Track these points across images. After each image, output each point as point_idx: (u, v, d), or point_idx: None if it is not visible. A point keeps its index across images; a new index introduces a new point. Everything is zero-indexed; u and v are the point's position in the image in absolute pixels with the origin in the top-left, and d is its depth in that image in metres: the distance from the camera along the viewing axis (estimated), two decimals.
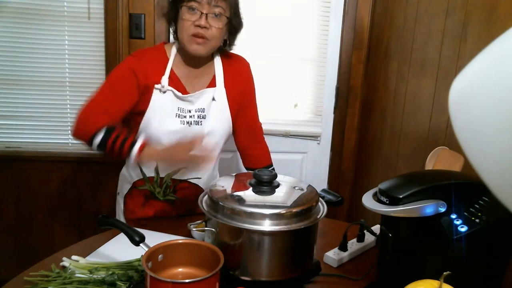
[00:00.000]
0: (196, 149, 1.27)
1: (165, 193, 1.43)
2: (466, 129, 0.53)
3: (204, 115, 1.41)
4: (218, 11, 1.31)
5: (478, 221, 0.88)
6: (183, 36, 1.33)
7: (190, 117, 1.39)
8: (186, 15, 1.31)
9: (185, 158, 1.27)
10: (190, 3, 1.30)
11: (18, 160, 2.16)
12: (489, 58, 0.52)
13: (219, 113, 1.44)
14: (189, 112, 1.39)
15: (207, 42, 1.32)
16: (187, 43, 1.33)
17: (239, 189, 1.09)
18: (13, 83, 2.10)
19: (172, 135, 1.36)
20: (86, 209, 2.27)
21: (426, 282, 0.81)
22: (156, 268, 0.91)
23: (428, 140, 1.82)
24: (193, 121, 1.40)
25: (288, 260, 1.00)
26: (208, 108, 1.42)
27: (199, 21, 1.29)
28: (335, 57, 2.31)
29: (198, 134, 1.36)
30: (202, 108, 1.41)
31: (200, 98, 1.40)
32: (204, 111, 1.41)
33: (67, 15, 2.07)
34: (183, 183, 1.45)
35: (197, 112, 1.40)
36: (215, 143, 1.46)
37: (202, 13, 1.29)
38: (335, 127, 2.41)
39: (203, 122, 1.41)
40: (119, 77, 1.35)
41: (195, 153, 1.27)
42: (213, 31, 1.31)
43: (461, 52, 1.65)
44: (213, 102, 1.42)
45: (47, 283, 0.99)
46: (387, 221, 1.00)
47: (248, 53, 2.22)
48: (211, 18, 1.30)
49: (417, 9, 1.90)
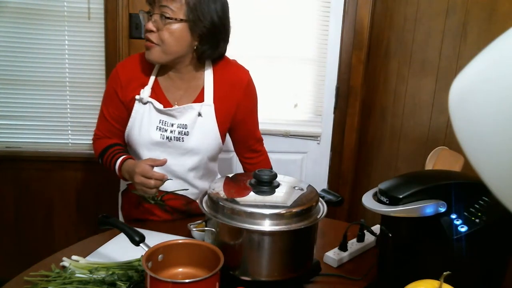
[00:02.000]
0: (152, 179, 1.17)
1: (154, 199, 1.37)
2: (466, 129, 0.53)
3: (186, 132, 1.32)
4: (165, 11, 1.20)
5: (478, 221, 0.88)
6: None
7: (171, 132, 1.32)
8: (144, 18, 1.27)
9: (137, 181, 1.19)
10: (146, 5, 1.25)
11: (18, 160, 2.16)
12: (489, 58, 0.52)
13: (205, 130, 1.34)
14: (171, 126, 1.32)
15: (155, 47, 1.23)
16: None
17: (239, 189, 1.09)
18: (13, 83, 2.10)
19: (152, 147, 1.33)
20: (86, 209, 2.27)
21: (426, 282, 0.81)
22: (156, 268, 0.91)
23: (428, 140, 1.82)
24: (173, 136, 1.32)
25: (288, 260, 1.00)
26: (192, 124, 1.32)
27: (146, 24, 1.23)
28: (335, 57, 2.31)
29: (162, 174, 1.20)
30: (185, 124, 1.32)
31: (184, 113, 1.32)
32: (186, 127, 1.32)
33: (67, 15, 2.07)
34: (169, 195, 1.37)
35: (178, 127, 1.32)
36: (199, 160, 1.37)
37: (149, 13, 1.22)
38: (335, 127, 2.41)
39: (185, 138, 1.33)
40: (107, 98, 1.39)
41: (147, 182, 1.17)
42: (161, 34, 1.21)
43: (461, 52, 1.65)
44: (198, 118, 1.32)
45: (47, 283, 0.99)
46: (387, 221, 1.00)
47: (248, 53, 2.23)
48: (160, 20, 1.21)
49: (417, 9, 1.90)
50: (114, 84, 1.35)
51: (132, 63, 1.37)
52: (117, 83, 1.34)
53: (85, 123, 2.19)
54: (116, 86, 1.35)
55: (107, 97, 1.39)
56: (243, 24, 2.16)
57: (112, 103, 1.37)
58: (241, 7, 2.14)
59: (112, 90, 1.36)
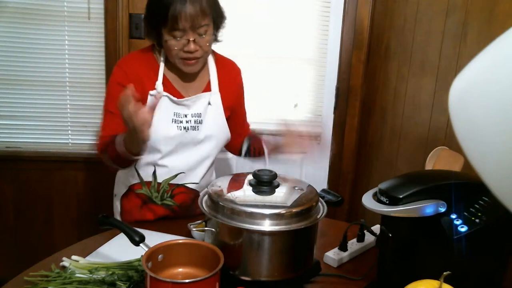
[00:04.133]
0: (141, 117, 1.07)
1: (162, 198, 1.42)
2: (466, 129, 0.53)
3: (200, 120, 1.39)
4: (203, 30, 1.25)
5: (478, 221, 0.88)
6: (172, 57, 1.29)
7: (186, 122, 1.37)
8: (171, 41, 1.25)
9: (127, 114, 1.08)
10: (173, 32, 1.23)
11: (18, 160, 2.16)
12: (489, 58, 0.52)
13: (215, 118, 1.42)
14: (185, 117, 1.36)
15: (200, 60, 1.30)
16: (179, 65, 1.30)
17: (239, 189, 1.08)
18: (13, 83, 2.10)
19: (170, 141, 1.35)
20: (86, 209, 2.27)
21: (426, 282, 0.81)
22: (156, 268, 0.91)
23: (428, 140, 1.82)
24: (189, 126, 1.37)
25: (288, 260, 1.00)
26: (204, 112, 1.39)
27: (188, 47, 1.25)
28: (335, 57, 2.31)
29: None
30: (199, 113, 1.38)
31: (196, 102, 1.38)
32: (200, 116, 1.38)
33: (67, 15, 2.06)
34: (180, 188, 1.43)
35: (193, 117, 1.37)
36: (212, 149, 1.44)
37: (189, 40, 1.24)
38: (335, 127, 2.40)
39: (199, 127, 1.39)
40: (112, 97, 1.31)
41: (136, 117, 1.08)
42: (203, 48, 1.28)
43: (461, 52, 1.65)
44: (209, 106, 1.40)
45: (47, 283, 0.99)
46: (387, 221, 1.00)
47: (248, 53, 2.23)
48: (199, 39, 1.26)
49: (417, 9, 1.90)
50: (122, 80, 1.31)
51: (135, 59, 1.37)
52: (125, 79, 1.30)
53: (85, 123, 2.19)
54: (124, 81, 1.29)
55: (114, 95, 1.29)
56: (243, 24, 2.16)
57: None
58: (241, 7, 2.14)
59: (120, 86, 1.27)
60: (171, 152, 1.38)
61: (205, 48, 1.29)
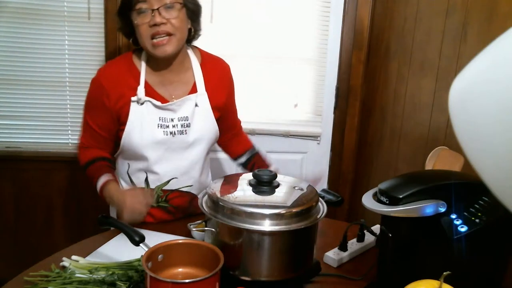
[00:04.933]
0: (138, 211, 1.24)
1: (157, 201, 1.40)
2: (466, 129, 0.53)
3: (188, 123, 1.35)
4: (169, 1, 1.23)
5: (478, 221, 0.88)
6: (144, 43, 1.27)
7: (173, 127, 1.33)
8: (138, 19, 1.24)
9: (125, 212, 1.23)
10: (137, 5, 1.23)
11: (18, 160, 2.16)
12: (489, 58, 0.52)
13: (204, 120, 1.38)
14: (171, 121, 1.33)
15: (172, 38, 1.25)
16: (151, 49, 1.27)
17: (239, 189, 1.09)
18: (13, 83, 2.10)
19: (156, 147, 1.33)
20: (86, 209, 2.27)
21: (426, 282, 0.81)
22: (156, 268, 0.91)
23: (428, 140, 1.82)
24: (176, 130, 1.34)
25: (288, 260, 1.00)
26: (191, 115, 1.35)
27: (153, 20, 1.22)
28: (335, 57, 2.31)
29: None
30: (186, 116, 1.35)
31: (182, 106, 1.34)
32: (187, 119, 1.35)
33: (67, 15, 2.06)
34: (175, 193, 1.41)
35: (180, 120, 1.34)
36: (203, 151, 1.41)
37: (153, 10, 1.22)
38: (335, 127, 2.40)
39: (188, 130, 1.35)
40: (91, 105, 1.36)
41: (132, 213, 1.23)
42: (173, 23, 1.24)
43: (461, 52, 1.65)
44: (196, 108, 1.36)
45: (47, 283, 0.99)
46: (387, 221, 1.00)
47: (248, 53, 2.23)
48: (165, 11, 1.22)
49: (417, 9, 1.90)
50: (99, 94, 1.32)
51: (113, 68, 1.36)
52: (102, 92, 1.31)
53: None
54: (101, 95, 1.32)
55: (91, 107, 1.36)
56: (243, 24, 2.15)
57: (99, 112, 1.34)
58: (241, 7, 2.14)
59: (97, 100, 1.33)
60: (160, 159, 1.36)
61: (175, 23, 1.24)
